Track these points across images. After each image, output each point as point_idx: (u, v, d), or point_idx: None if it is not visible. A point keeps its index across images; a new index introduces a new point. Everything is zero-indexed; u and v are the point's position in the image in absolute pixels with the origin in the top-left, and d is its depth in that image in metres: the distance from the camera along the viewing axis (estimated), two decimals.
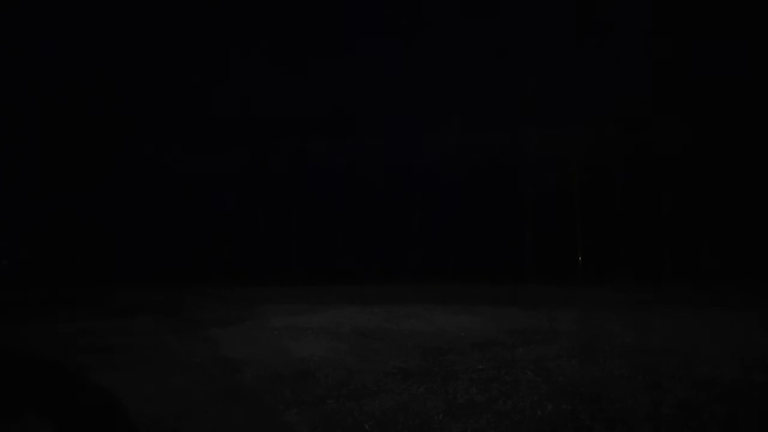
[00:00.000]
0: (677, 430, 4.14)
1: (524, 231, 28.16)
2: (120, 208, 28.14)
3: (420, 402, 4.86)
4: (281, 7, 27.94)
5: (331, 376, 5.82)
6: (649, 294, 16.14)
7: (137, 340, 8.18)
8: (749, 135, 23.40)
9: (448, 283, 23.14)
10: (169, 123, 27.34)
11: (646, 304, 13.35)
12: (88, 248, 26.29)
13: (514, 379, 5.59)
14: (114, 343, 7.89)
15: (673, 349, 7.13)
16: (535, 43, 25.92)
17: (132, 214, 28.38)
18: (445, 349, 7.34)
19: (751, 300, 13.99)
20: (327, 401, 4.89)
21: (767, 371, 5.86)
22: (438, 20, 27.73)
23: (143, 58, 26.98)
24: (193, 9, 27.11)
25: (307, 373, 5.92)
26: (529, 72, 26.23)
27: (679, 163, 24.95)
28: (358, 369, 6.15)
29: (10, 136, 25.30)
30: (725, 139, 23.63)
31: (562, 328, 9.18)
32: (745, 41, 22.86)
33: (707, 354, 6.75)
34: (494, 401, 4.82)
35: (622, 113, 24.67)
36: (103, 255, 27.03)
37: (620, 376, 5.69)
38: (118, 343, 7.82)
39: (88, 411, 4.66)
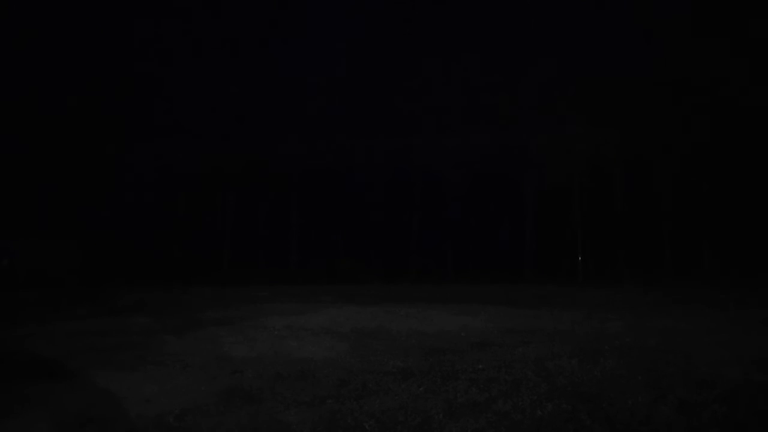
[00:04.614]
0: (677, 430, 4.14)
1: (524, 231, 28.17)
2: (119, 208, 28.14)
3: (420, 402, 4.86)
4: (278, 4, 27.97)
5: (331, 376, 5.82)
6: (649, 294, 16.13)
7: (137, 340, 8.18)
8: (749, 134, 23.41)
9: (448, 283, 23.13)
10: (169, 121, 27.34)
11: (646, 303, 13.34)
12: (88, 248, 26.28)
13: (514, 379, 5.59)
14: (114, 343, 7.88)
15: (673, 349, 7.13)
16: (536, 42, 25.92)
17: (131, 213, 28.37)
18: (445, 349, 7.33)
19: (750, 299, 13.98)
20: (327, 401, 4.89)
21: (767, 371, 5.87)
22: (436, 18, 27.71)
23: (142, 56, 26.97)
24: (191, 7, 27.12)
25: (307, 373, 5.92)
26: (530, 71, 26.22)
27: (679, 163, 24.96)
28: (358, 369, 6.15)
29: (9, 135, 25.31)
30: (726, 138, 23.65)
31: (562, 328, 9.18)
32: (744, 41, 22.86)
33: (707, 354, 6.75)
34: (494, 401, 4.83)
35: (623, 112, 24.68)
36: (103, 255, 27.02)
37: (620, 376, 5.70)
38: (118, 343, 7.82)
39: (88, 411, 4.66)
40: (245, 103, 27.97)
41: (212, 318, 10.72)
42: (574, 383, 5.41)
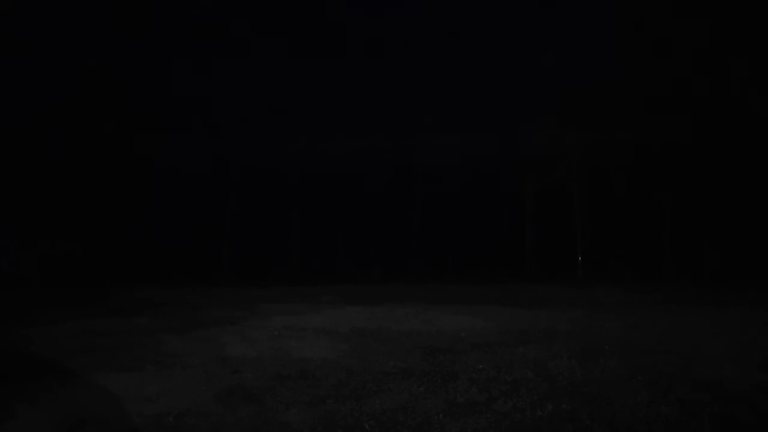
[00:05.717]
0: (677, 430, 4.14)
1: (524, 230, 28.18)
2: (119, 207, 28.13)
3: (420, 402, 4.86)
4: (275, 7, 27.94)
5: (331, 376, 5.82)
6: (649, 293, 16.13)
7: (137, 339, 8.18)
8: (749, 133, 23.41)
9: (448, 283, 23.12)
10: (170, 121, 27.33)
11: (646, 303, 13.34)
12: (88, 247, 26.27)
13: (514, 379, 5.60)
14: (114, 343, 7.88)
15: (673, 349, 7.13)
16: (536, 41, 25.93)
17: (132, 212, 28.37)
18: (445, 349, 7.33)
19: (751, 299, 13.98)
20: (327, 401, 4.89)
21: (767, 371, 5.87)
22: (435, 18, 27.73)
23: (141, 55, 26.96)
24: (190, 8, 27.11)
25: (307, 373, 5.92)
26: (529, 70, 26.23)
27: (679, 161, 24.95)
28: (358, 369, 6.15)
29: (9, 134, 25.30)
30: (725, 137, 23.64)
31: (562, 328, 9.18)
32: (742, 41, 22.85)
33: (707, 354, 6.76)
34: (494, 401, 4.83)
35: (622, 112, 24.67)
36: (103, 254, 27.02)
37: (620, 376, 5.70)
38: (118, 343, 7.82)
39: (88, 411, 4.66)
40: (246, 103, 27.99)
41: (212, 318, 10.72)
42: (574, 383, 5.41)
